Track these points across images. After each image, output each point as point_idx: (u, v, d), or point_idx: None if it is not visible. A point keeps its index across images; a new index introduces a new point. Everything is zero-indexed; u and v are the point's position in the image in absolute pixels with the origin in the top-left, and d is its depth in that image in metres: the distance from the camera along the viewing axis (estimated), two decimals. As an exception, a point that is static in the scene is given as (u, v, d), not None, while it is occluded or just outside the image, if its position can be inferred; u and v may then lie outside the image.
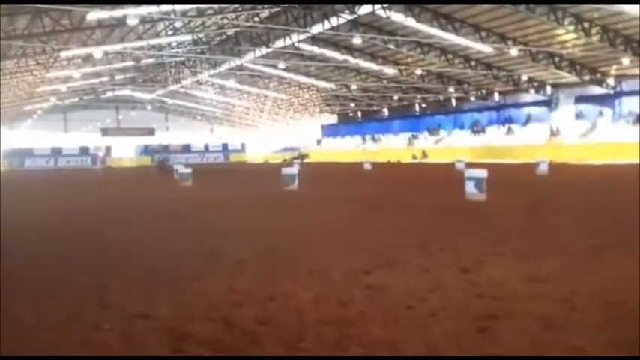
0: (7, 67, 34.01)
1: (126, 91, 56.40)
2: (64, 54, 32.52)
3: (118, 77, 47.86)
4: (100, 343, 3.62)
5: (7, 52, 28.77)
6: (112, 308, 4.37)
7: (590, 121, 36.95)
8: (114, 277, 5.46)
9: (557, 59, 33.08)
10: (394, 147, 49.50)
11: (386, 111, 55.27)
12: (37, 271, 5.88)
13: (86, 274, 5.63)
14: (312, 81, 46.94)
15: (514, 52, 31.02)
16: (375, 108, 55.66)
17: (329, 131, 63.44)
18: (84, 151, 56.55)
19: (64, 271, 5.85)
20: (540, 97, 40.86)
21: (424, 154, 43.02)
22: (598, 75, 34.80)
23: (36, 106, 55.11)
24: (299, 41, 33.36)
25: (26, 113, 58.29)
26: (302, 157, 49.67)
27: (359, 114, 59.19)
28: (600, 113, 36.50)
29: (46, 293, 4.91)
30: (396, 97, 49.49)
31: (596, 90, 36.26)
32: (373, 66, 38.71)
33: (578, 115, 38.19)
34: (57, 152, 55.94)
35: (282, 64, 38.23)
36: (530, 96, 41.69)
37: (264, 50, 35.27)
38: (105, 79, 47.20)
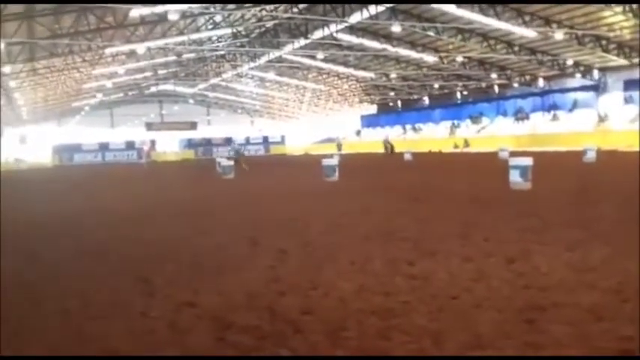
0: (54, 65, 35.13)
1: (168, 86, 57.51)
2: (108, 51, 33.36)
3: (161, 72, 48.84)
4: (147, 331, 3.71)
5: (55, 50, 29.68)
6: (158, 297, 4.47)
7: (639, 105, 35.55)
8: (158, 267, 5.59)
9: (604, 42, 31.91)
10: (435, 136, 48.87)
11: (426, 100, 54.56)
12: (84, 262, 6.08)
13: (131, 265, 5.79)
14: (351, 71, 46.75)
15: (559, 35, 30.06)
16: (415, 97, 55.01)
17: (368, 121, 63.07)
18: (130, 145, 57.98)
19: (109, 262, 6.02)
20: (587, 82, 39.53)
21: (466, 143, 42.32)
22: (648, 58, 33.42)
23: (83, 102, 56.79)
24: (337, 31, 33.26)
25: (74, 110, 60.14)
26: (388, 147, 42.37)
27: (399, 103, 58.62)
28: (651, 97, 35.09)
29: (92, 283, 5.07)
30: (436, 86, 48.76)
31: (646, 73, 34.83)
32: (413, 54, 38.24)
33: (627, 100, 36.75)
34: (104, 147, 57.56)
35: (320, 55, 38.20)
36: (577, 81, 40.37)
37: (302, 41, 35.32)
38: (148, 74, 48.23)
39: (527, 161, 11.78)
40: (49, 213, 11.29)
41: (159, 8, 25.08)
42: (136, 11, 25.46)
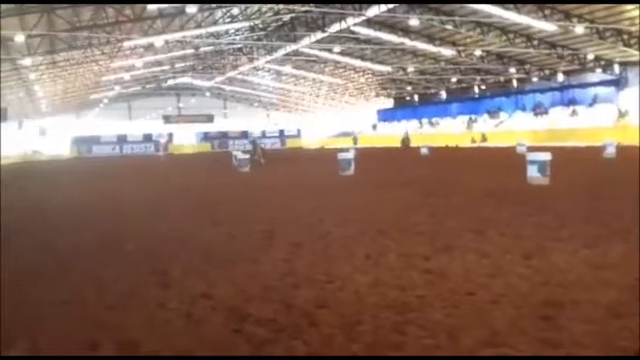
0: (74, 58, 35.41)
1: (186, 79, 57.71)
2: (126, 44, 33.50)
3: (178, 65, 49.00)
4: (163, 321, 3.75)
5: (74, 42, 29.92)
6: (174, 289, 4.51)
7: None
8: (173, 258, 5.64)
9: (625, 36, 31.30)
10: (452, 131, 48.48)
11: (444, 94, 54.09)
12: (100, 252, 6.14)
13: (147, 256, 5.84)
14: (368, 65, 46.50)
15: (580, 29, 29.55)
16: (432, 91, 54.56)
17: (385, 115, 62.73)
18: (147, 138, 58.36)
19: (125, 253, 6.08)
20: (608, 77, 38.85)
21: (483, 138, 41.93)
22: (671, 52, 32.74)
23: (101, 94, 57.21)
24: (354, 24, 33.07)
25: (93, 102, 60.64)
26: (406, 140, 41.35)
27: (415, 97, 58.20)
28: (673, 92, 34.39)
29: (109, 273, 5.12)
30: (454, 80, 48.29)
31: (669, 68, 34.16)
32: (430, 48, 37.90)
33: (649, 95, 36.11)
34: (122, 139, 58.02)
35: (337, 49, 38.03)
36: (597, 76, 39.71)
37: (319, 35, 35.19)
38: (166, 67, 48.42)
39: (546, 156, 11.66)
40: (67, 203, 11.43)
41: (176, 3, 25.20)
42: (154, 5, 25.58)
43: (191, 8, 25.12)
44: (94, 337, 3.48)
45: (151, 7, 25.51)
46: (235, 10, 31.30)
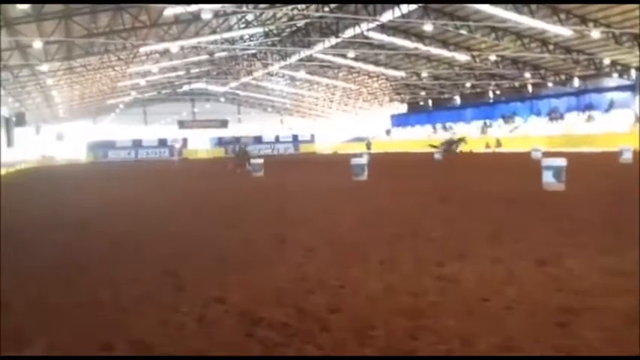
0: (90, 64, 35.86)
1: (200, 84, 58.14)
2: (142, 49, 33.90)
3: (193, 71, 49.42)
4: (177, 324, 3.77)
5: (91, 48, 30.31)
6: (187, 292, 4.54)
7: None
8: (186, 261, 5.67)
9: (643, 41, 31.01)
10: (467, 136, 48.21)
11: (458, 99, 53.90)
12: (115, 255, 6.20)
13: (160, 259, 5.88)
14: (382, 70, 46.50)
15: (596, 34, 29.32)
16: (446, 96, 54.39)
17: (398, 120, 62.62)
18: (162, 143, 58.76)
19: (139, 255, 6.13)
20: (624, 82, 38.46)
21: (498, 143, 41.65)
22: (688, 57, 32.36)
23: (118, 100, 57.83)
24: (368, 30, 33.11)
25: (109, 107, 61.29)
26: (457, 141, 37.55)
27: (429, 102, 58.04)
28: (691, 98, 33.96)
29: (123, 276, 5.17)
30: (468, 85, 48.11)
31: (687, 73, 33.73)
32: (445, 53, 37.80)
33: (666, 101, 35.69)
34: (137, 144, 58.48)
35: (351, 54, 38.09)
36: (614, 80, 39.33)
37: (333, 40, 35.28)
38: (181, 73, 48.85)
39: (561, 162, 11.56)
40: (82, 207, 11.55)
41: (192, 7, 25.40)
42: (170, 10, 25.85)
43: (206, 14, 25.31)
44: (108, 338, 3.52)
45: (167, 13, 25.76)
46: (250, 15, 31.49)
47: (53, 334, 3.64)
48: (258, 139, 61.69)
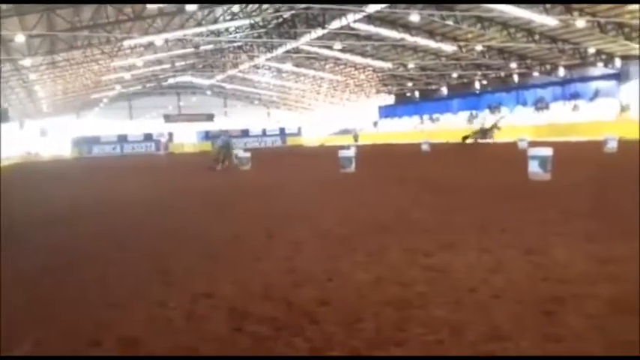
0: (74, 57, 35.45)
1: (186, 78, 57.75)
2: (127, 43, 33.54)
3: (179, 64, 49.02)
4: (165, 320, 3.75)
5: (74, 42, 29.94)
6: (176, 287, 4.52)
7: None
8: (175, 257, 5.65)
9: (627, 30, 31.22)
10: (453, 126, 48.40)
11: (444, 90, 54.06)
12: (103, 251, 6.15)
13: (149, 255, 5.85)
14: (369, 61, 46.47)
15: (581, 23, 29.49)
16: (433, 87, 54.54)
17: (386, 112, 62.69)
18: (148, 137, 58.34)
19: (128, 252, 6.09)
20: (609, 71, 38.78)
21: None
22: (672, 45, 32.66)
23: (102, 94, 57.29)
24: (355, 21, 33.04)
25: (93, 102, 60.72)
26: (490, 129, 35.22)
27: (416, 94, 58.15)
28: (675, 86, 34.28)
29: (111, 272, 5.14)
30: (455, 75, 48.28)
31: (670, 61, 34.06)
32: (431, 43, 37.84)
33: (651, 89, 36.04)
34: (122, 139, 57.98)
35: (338, 45, 38.00)
36: (598, 70, 39.64)
37: (319, 32, 35.17)
38: (166, 66, 48.45)
39: (547, 151, 11.62)
40: (70, 204, 11.45)
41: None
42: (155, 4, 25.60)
43: (191, 6, 25.09)
44: (95, 335, 3.49)
45: (151, 6, 25.50)
46: (235, 7, 31.27)
47: (41, 332, 3.60)
48: (245, 133, 61.50)
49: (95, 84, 49.74)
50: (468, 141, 32.93)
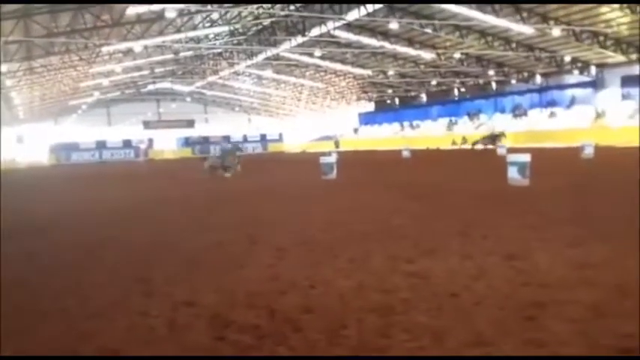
0: (51, 64, 35.00)
1: (166, 84, 57.36)
2: (105, 49, 33.24)
3: (158, 70, 48.68)
4: (146, 329, 3.70)
5: (51, 48, 29.57)
6: (157, 296, 4.46)
7: (637, 101, 35.51)
8: (156, 265, 5.57)
9: (602, 38, 31.89)
10: (433, 133, 48.81)
11: (424, 97, 54.52)
12: (82, 261, 6.05)
13: (130, 264, 5.77)
14: (349, 68, 46.68)
15: (557, 32, 30.03)
16: (412, 94, 54.97)
17: (366, 119, 62.99)
18: (127, 143, 57.82)
19: (108, 261, 6.00)
20: (585, 79, 39.51)
21: (464, 140, 42.26)
22: (645, 54, 33.40)
23: (80, 100, 56.59)
24: (335, 28, 33.18)
25: (71, 108, 59.94)
26: (496, 136, 34.31)
27: (396, 100, 58.54)
28: (648, 93, 35.01)
29: (90, 281, 5.05)
30: (434, 82, 48.74)
31: (644, 69, 34.77)
32: (410, 51, 38.18)
33: (625, 96, 36.75)
34: (101, 145, 57.39)
35: (318, 53, 38.10)
36: (574, 77, 40.36)
37: (300, 39, 35.24)
38: (145, 72, 48.08)
39: (526, 158, 11.77)
40: (48, 212, 11.26)
41: (156, 6, 25.01)
42: (133, 9, 25.40)
43: (170, 13, 24.94)
44: (74, 346, 3.43)
45: (130, 12, 25.30)
46: (215, 14, 31.18)
47: (18, 343, 3.52)
48: (226, 139, 61.24)
49: (73, 90, 49.13)
50: (477, 147, 33.57)
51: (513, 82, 44.55)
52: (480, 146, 33.48)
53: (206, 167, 20.34)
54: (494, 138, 34.17)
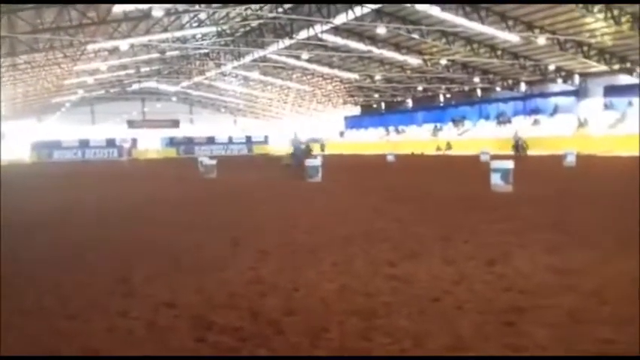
0: (35, 60, 34.58)
1: (151, 83, 56.93)
2: (90, 47, 32.90)
3: (144, 69, 48.31)
4: (125, 330, 3.66)
5: (36, 45, 29.21)
6: (137, 297, 4.42)
7: (619, 111, 36.09)
8: (137, 266, 5.53)
9: (585, 48, 32.34)
10: (418, 138, 49.10)
11: (410, 102, 54.82)
12: (61, 261, 5.98)
13: (110, 264, 5.71)
14: (336, 72, 46.75)
15: (542, 40, 30.41)
16: (398, 99, 55.24)
17: (352, 122, 63.19)
18: (110, 143, 57.28)
19: (88, 261, 5.93)
20: (568, 87, 40.03)
21: (448, 146, 42.58)
22: (628, 64, 33.87)
23: (64, 98, 55.96)
24: (322, 32, 33.21)
25: (54, 106, 59.26)
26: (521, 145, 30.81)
27: (382, 105, 58.81)
28: (630, 103, 35.55)
29: (71, 282, 5.00)
30: (420, 88, 49.02)
31: (626, 80, 35.32)
32: (397, 56, 38.37)
33: (607, 106, 37.33)
34: (84, 144, 56.76)
35: (305, 55, 38.13)
36: (558, 86, 40.87)
37: (287, 41, 35.21)
38: (131, 71, 47.68)
39: (509, 164, 11.89)
40: (27, 211, 11.11)
41: (143, 5, 24.83)
42: (119, 7, 25.18)
43: (157, 12, 24.78)
44: (54, 346, 3.38)
45: (116, 10, 25.10)
46: (203, 14, 31.05)
47: (-7, 343, 3.47)
48: (211, 140, 61.01)
49: (57, 88, 48.58)
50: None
51: (498, 89, 44.99)
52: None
53: (282, 164, 20.40)
54: (518, 147, 30.51)
